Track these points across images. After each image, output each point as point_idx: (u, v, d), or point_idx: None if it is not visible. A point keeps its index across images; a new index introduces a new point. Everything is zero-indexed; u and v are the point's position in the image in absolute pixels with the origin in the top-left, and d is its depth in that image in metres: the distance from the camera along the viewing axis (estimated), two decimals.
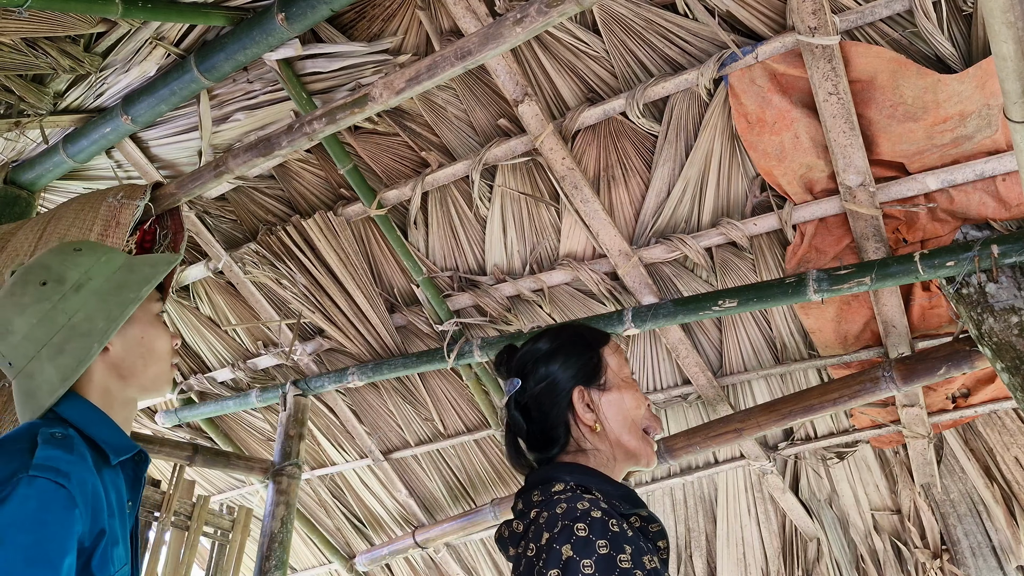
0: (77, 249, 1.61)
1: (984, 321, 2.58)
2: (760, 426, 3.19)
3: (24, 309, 1.50)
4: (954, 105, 2.48)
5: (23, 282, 1.54)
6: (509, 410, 1.58)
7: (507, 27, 2.22)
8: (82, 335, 1.50)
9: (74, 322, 1.50)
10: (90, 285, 1.55)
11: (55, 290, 1.52)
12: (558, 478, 1.43)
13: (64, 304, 1.51)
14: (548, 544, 1.25)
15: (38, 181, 3.38)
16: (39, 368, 1.48)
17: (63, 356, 1.48)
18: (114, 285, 1.58)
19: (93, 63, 2.96)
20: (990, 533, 3.47)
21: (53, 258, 1.58)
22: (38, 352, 1.48)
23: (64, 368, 1.48)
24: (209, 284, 4.06)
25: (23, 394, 1.50)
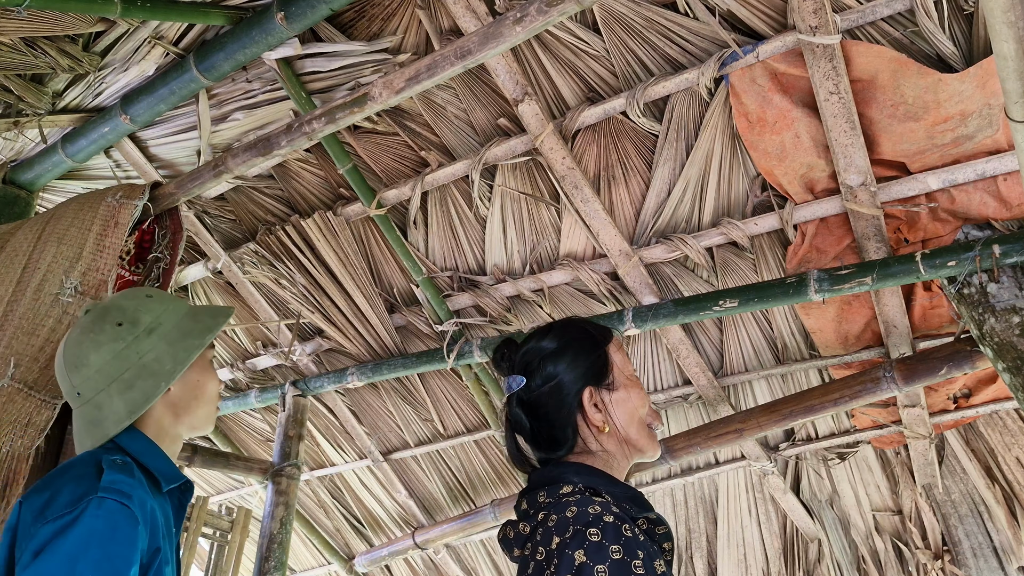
0: (149, 296, 1.81)
1: (985, 321, 2.57)
2: (761, 426, 3.18)
3: (100, 346, 1.67)
4: (955, 104, 2.48)
5: (100, 321, 1.71)
6: (511, 407, 1.55)
7: (507, 26, 2.21)
8: (151, 374, 1.67)
9: (144, 361, 1.68)
10: (160, 330, 1.73)
11: (129, 331, 1.70)
12: (566, 479, 1.41)
13: (137, 345, 1.69)
14: (559, 549, 1.23)
15: (37, 181, 3.38)
16: (107, 400, 1.64)
17: (132, 391, 1.65)
18: (181, 332, 1.76)
19: (92, 62, 2.95)
20: (991, 534, 3.46)
21: (128, 302, 1.77)
22: (108, 386, 1.65)
23: (132, 402, 1.65)
24: (208, 284, 4.05)
25: (88, 422, 1.65)
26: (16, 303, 2.47)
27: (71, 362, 1.69)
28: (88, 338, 1.69)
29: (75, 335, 1.72)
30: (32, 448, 2.31)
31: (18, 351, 2.37)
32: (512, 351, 1.60)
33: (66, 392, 1.72)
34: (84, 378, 1.67)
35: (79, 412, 1.68)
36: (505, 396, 1.57)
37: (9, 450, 2.26)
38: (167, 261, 2.78)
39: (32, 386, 2.34)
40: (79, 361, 1.67)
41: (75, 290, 2.49)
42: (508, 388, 1.56)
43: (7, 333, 2.42)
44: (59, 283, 2.49)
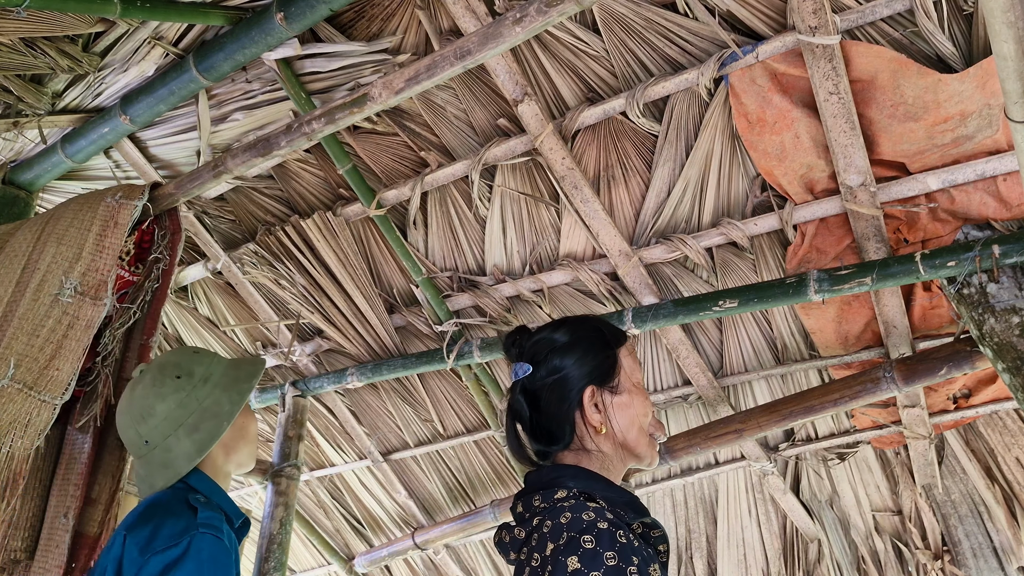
0: (196, 351, 2.06)
1: (985, 321, 2.57)
2: (761, 427, 3.19)
3: (164, 397, 1.91)
4: (955, 105, 2.48)
5: (160, 376, 1.94)
6: (513, 393, 1.55)
7: (506, 27, 2.21)
8: (213, 416, 1.92)
9: (205, 406, 1.92)
10: (212, 378, 1.98)
11: (188, 382, 1.94)
12: (561, 483, 1.41)
13: (196, 392, 1.93)
14: (553, 555, 1.24)
15: (36, 181, 3.38)
16: (176, 443, 1.87)
17: (198, 432, 1.89)
18: (229, 379, 2.01)
19: (91, 63, 2.95)
20: (991, 534, 3.47)
21: (180, 357, 2.01)
22: (175, 431, 1.88)
23: (200, 442, 1.88)
24: (208, 284, 4.05)
25: (158, 465, 1.87)
26: (16, 303, 2.48)
27: (138, 415, 1.91)
28: (152, 392, 1.92)
29: (136, 392, 1.94)
30: (32, 448, 2.32)
31: (18, 351, 2.38)
32: (523, 338, 1.60)
33: (133, 443, 1.94)
34: (152, 427, 1.89)
35: (147, 458, 1.90)
36: (512, 381, 1.56)
37: (9, 450, 2.27)
38: (166, 261, 2.79)
39: (32, 386, 2.35)
40: (146, 412, 1.90)
41: (75, 290, 2.49)
42: (514, 375, 1.55)
43: (7, 333, 2.42)
44: (59, 283, 2.50)
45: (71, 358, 2.44)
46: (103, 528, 2.51)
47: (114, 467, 2.59)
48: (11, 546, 2.41)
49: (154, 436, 1.89)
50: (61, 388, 2.39)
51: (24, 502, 2.47)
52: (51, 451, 2.58)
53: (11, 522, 2.36)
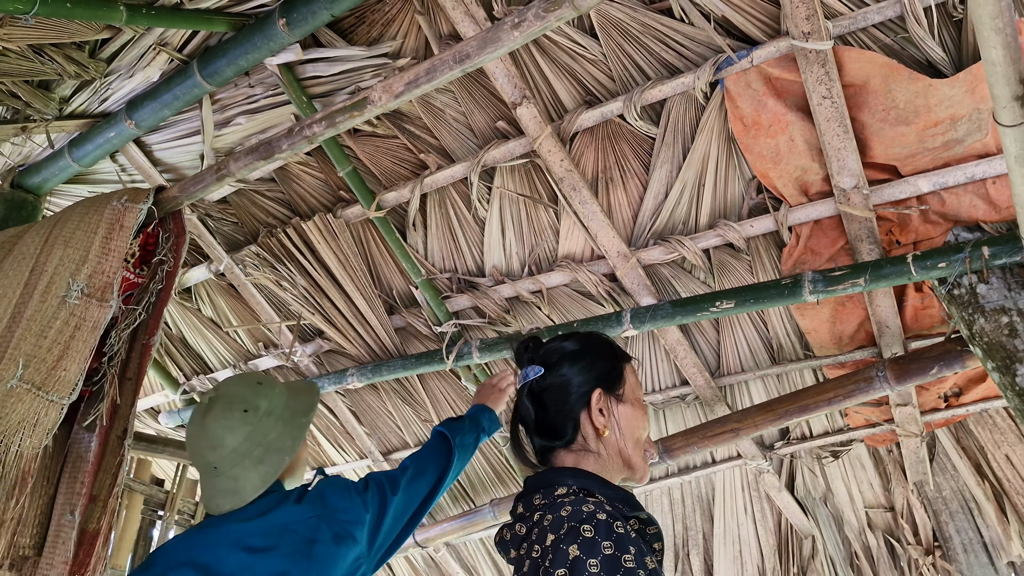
0: (259, 383, 2.16)
1: (975, 321, 2.61)
2: (757, 426, 3.21)
3: (233, 430, 2.02)
4: (945, 109, 2.52)
5: (229, 409, 2.06)
6: (520, 396, 1.63)
7: (505, 31, 2.25)
8: (277, 450, 2.05)
9: (270, 439, 2.05)
10: (275, 412, 2.10)
11: (254, 416, 2.06)
12: (560, 482, 1.47)
13: (261, 426, 2.05)
14: (554, 545, 1.28)
15: (44, 185, 3.41)
16: (243, 473, 2.00)
17: (264, 465, 2.02)
18: (290, 411, 2.14)
19: (98, 69, 2.99)
20: (981, 530, 3.50)
21: (245, 390, 2.12)
22: (242, 462, 2.00)
23: (265, 474, 2.02)
24: (211, 286, 4.08)
25: (226, 490, 2.00)
26: (24, 305, 2.51)
27: (208, 444, 2.03)
28: (221, 424, 2.04)
29: (208, 421, 2.06)
30: (40, 447, 2.35)
31: (26, 352, 2.42)
32: (536, 345, 1.69)
33: (202, 467, 2.06)
34: (221, 456, 2.01)
35: (214, 482, 2.03)
36: (520, 383, 1.64)
37: (18, 450, 2.30)
38: (171, 264, 2.83)
39: (40, 387, 2.39)
40: (216, 443, 2.02)
41: (81, 292, 2.53)
42: (524, 377, 1.63)
43: (15, 334, 2.46)
44: (66, 285, 2.53)
45: (78, 359, 2.48)
46: (101, 524, 2.54)
47: (114, 465, 2.63)
48: (20, 543, 2.45)
49: (223, 465, 2.02)
50: (68, 388, 2.43)
51: (32, 500, 2.50)
52: (58, 450, 2.62)
53: (20, 519, 2.40)
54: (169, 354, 4.46)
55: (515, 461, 1.67)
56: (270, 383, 2.18)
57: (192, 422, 2.11)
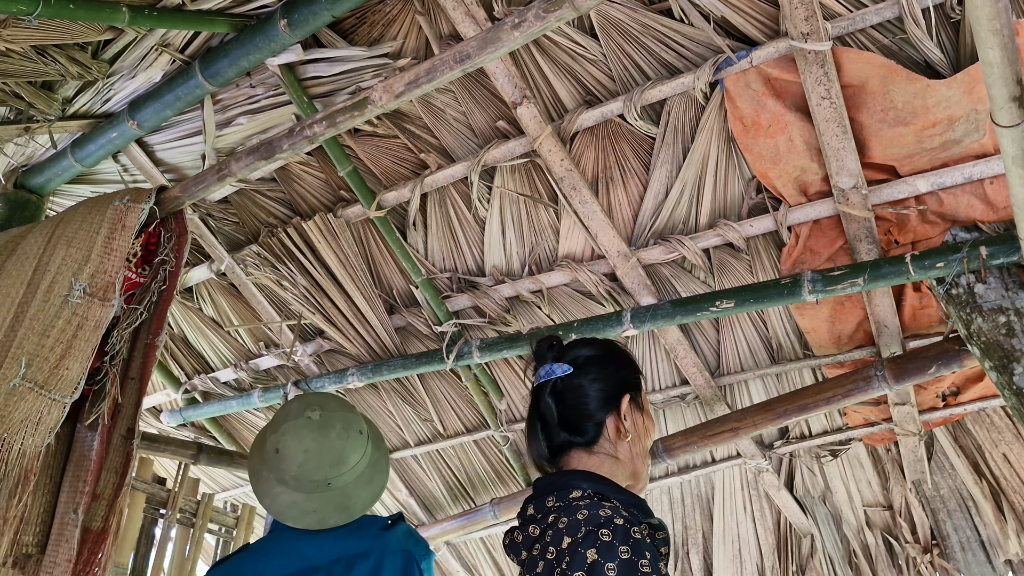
0: (352, 406, 2.27)
1: (973, 321, 2.62)
2: (756, 425, 3.22)
3: (356, 450, 2.14)
4: (943, 110, 2.53)
5: (349, 430, 2.16)
6: (541, 394, 1.64)
7: (505, 31, 2.25)
8: (381, 471, 2.23)
9: (374, 460, 2.20)
10: (371, 434, 2.24)
11: (366, 438, 2.19)
12: (574, 485, 1.49)
13: (369, 447, 2.19)
14: (572, 547, 1.31)
15: (47, 185, 3.42)
16: (355, 491, 2.12)
17: (373, 485, 2.17)
18: (375, 434, 2.29)
19: (100, 70, 3.00)
20: (979, 528, 3.51)
21: (350, 413, 2.22)
22: (356, 480, 2.13)
23: (374, 493, 2.18)
24: (212, 285, 4.09)
25: (336, 506, 2.10)
26: (27, 304, 2.52)
27: (333, 460, 2.10)
28: (347, 444, 2.13)
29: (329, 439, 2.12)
30: (43, 446, 2.36)
31: (29, 351, 2.42)
32: (558, 343, 1.70)
33: (313, 481, 2.09)
34: (341, 473, 2.10)
35: (322, 496, 2.09)
36: (540, 380, 1.65)
37: (21, 448, 2.31)
38: (172, 263, 2.83)
39: (43, 385, 2.39)
40: (340, 460, 2.11)
41: (84, 291, 2.53)
42: (549, 373, 1.64)
43: (18, 334, 2.46)
44: (68, 285, 2.54)
45: (80, 358, 2.48)
46: (106, 523, 2.55)
47: (119, 464, 2.63)
48: (23, 541, 2.46)
49: (339, 481, 2.10)
50: (71, 387, 2.44)
51: (35, 498, 2.51)
52: (61, 448, 2.63)
53: (23, 518, 2.40)
54: (170, 353, 4.47)
55: (529, 459, 1.69)
56: (349, 404, 2.29)
57: (307, 438, 2.11)
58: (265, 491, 2.12)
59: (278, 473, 2.09)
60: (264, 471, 2.13)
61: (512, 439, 4.09)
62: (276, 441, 2.12)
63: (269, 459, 2.12)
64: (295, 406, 2.18)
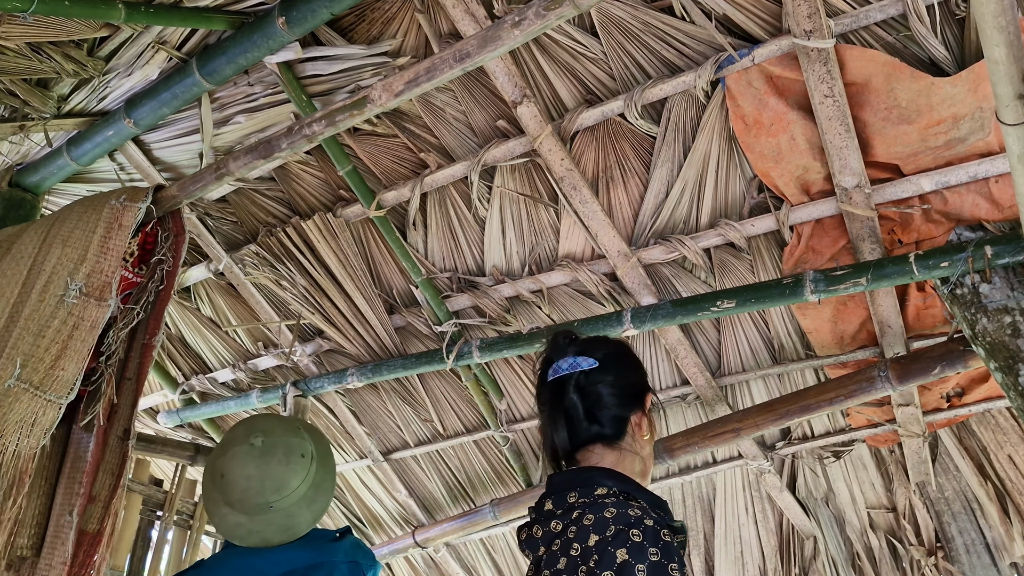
0: (297, 427, 2.31)
1: (978, 321, 2.60)
2: (758, 426, 3.20)
3: (297, 474, 2.19)
4: (947, 108, 2.51)
5: (289, 455, 2.21)
6: (565, 387, 1.61)
7: (505, 30, 2.24)
8: (325, 492, 2.26)
9: (317, 481, 2.23)
10: (317, 457, 2.26)
11: (309, 461, 2.23)
12: (598, 482, 1.48)
13: (311, 469, 2.22)
14: (600, 545, 1.31)
15: (42, 184, 3.41)
16: (299, 511, 2.17)
17: (315, 505, 2.21)
18: (323, 454, 2.30)
19: (96, 67, 2.98)
20: (984, 530, 3.49)
21: (293, 437, 2.26)
22: (298, 502, 2.17)
23: (317, 513, 2.22)
24: (210, 285, 4.08)
25: (279, 527, 2.15)
26: (22, 304, 2.50)
27: (273, 486, 2.16)
28: (286, 468, 2.18)
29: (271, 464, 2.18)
30: (38, 447, 2.34)
31: (24, 351, 2.41)
32: (577, 337, 1.70)
33: (254, 505, 2.14)
34: (282, 497, 2.16)
35: (263, 518, 2.14)
36: (562, 373, 1.62)
37: (16, 449, 2.30)
38: (170, 263, 2.82)
39: (38, 386, 2.38)
40: (282, 485, 2.17)
41: (80, 291, 2.52)
42: (573, 366, 1.61)
43: (13, 334, 2.45)
44: (64, 284, 2.52)
45: (76, 358, 2.47)
46: (102, 525, 2.54)
47: (115, 465, 2.62)
48: (18, 543, 2.45)
49: (280, 504, 2.15)
50: (66, 388, 2.42)
51: (30, 500, 2.50)
52: (57, 450, 2.61)
53: (17, 520, 2.39)
54: (168, 354, 4.46)
55: (546, 452, 1.67)
56: (301, 425, 2.36)
57: (247, 464, 2.18)
58: (213, 511, 2.20)
59: (224, 495, 2.16)
60: (213, 492, 2.20)
61: (512, 439, 4.07)
62: (222, 466, 2.19)
63: (216, 482, 2.19)
64: (240, 431, 2.25)
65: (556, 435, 1.61)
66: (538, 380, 1.70)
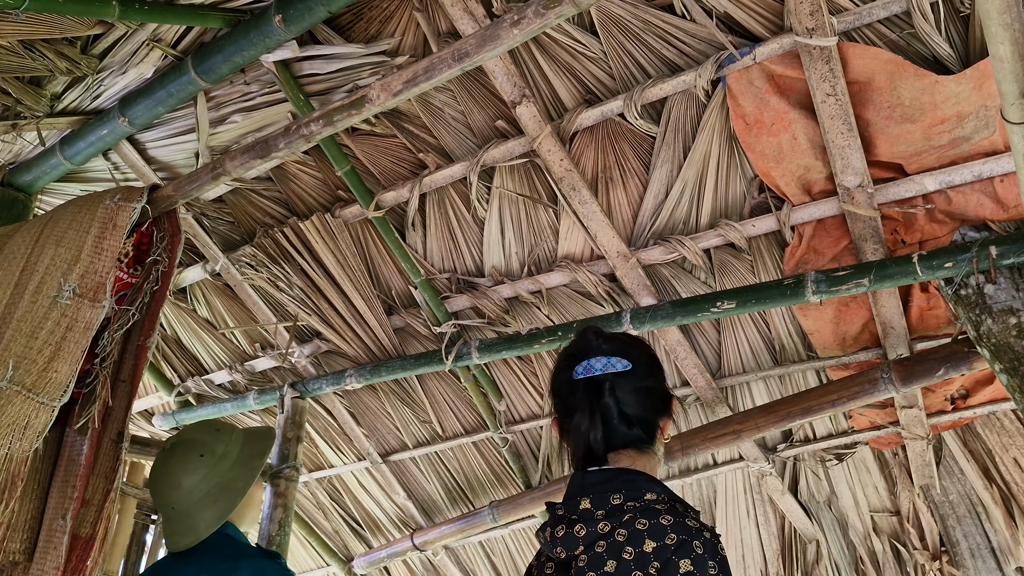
0: (217, 429, 2.33)
1: (982, 322, 2.58)
2: (759, 428, 3.19)
3: (190, 473, 2.20)
4: (951, 106, 2.48)
5: (188, 453, 2.24)
6: (601, 387, 1.55)
7: (504, 29, 2.22)
8: (232, 490, 2.22)
9: (224, 481, 2.22)
10: (230, 455, 2.26)
11: (211, 459, 2.23)
12: (644, 487, 1.45)
13: (217, 468, 2.23)
14: (659, 553, 1.32)
15: (35, 183, 3.38)
16: (199, 512, 2.17)
17: (219, 504, 2.19)
18: (245, 456, 2.29)
19: (90, 65, 2.96)
20: (989, 534, 3.47)
21: (204, 435, 2.30)
22: (198, 502, 2.18)
23: (221, 512, 2.19)
24: (206, 286, 4.06)
25: (185, 528, 2.18)
26: (14, 305, 2.47)
27: (168, 485, 2.21)
28: (180, 467, 2.22)
29: (169, 464, 2.24)
30: (31, 451, 2.31)
31: (16, 353, 2.38)
32: (608, 335, 1.65)
33: (162, 506, 2.23)
34: (178, 497, 2.18)
35: (173, 520, 2.20)
36: (596, 373, 1.56)
37: (8, 453, 2.26)
38: (165, 264, 2.79)
39: (31, 388, 2.35)
40: (175, 484, 2.20)
41: (73, 292, 2.49)
42: (607, 367, 1.57)
43: (5, 335, 2.42)
44: (57, 285, 2.49)
45: (70, 360, 2.43)
46: (95, 529, 2.51)
47: (108, 468, 2.58)
48: (9, 548, 2.41)
49: (180, 504, 2.18)
50: (60, 390, 2.39)
51: (23, 504, 2.47)
52: (50, 453, 2.58)
53: (10, 524, 2.36)
54: (164, 355, 4.43)
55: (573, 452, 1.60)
56: (228, 429, 2.36)
57: (155, 466, 2.29)
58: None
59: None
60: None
61: (511, 441, 4.05)
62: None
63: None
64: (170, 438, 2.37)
65: (592, 434, 1.55)
66: (559, 374, 1.64)
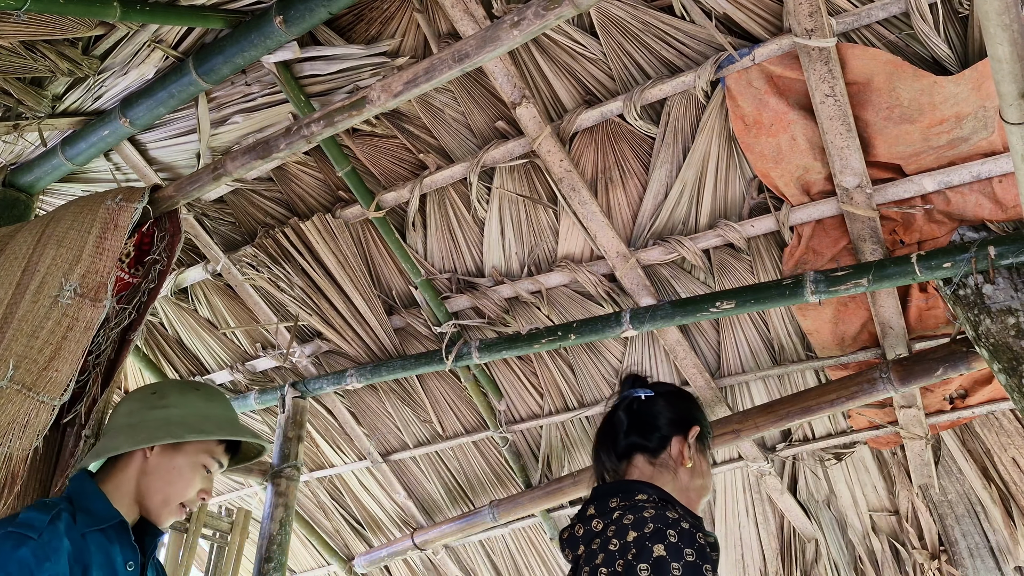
0: (196, 389, 2.23)
1: (981, 322, 2.58)
2: (758, 427, 3.20)
3: (128, 401, 2.17)
4: (950, 107, 2.49)
5: (146, 388, 2.22)
6: (617, 409, 1.86)
7: (504, 30, 2.22)
8: (132, 433, 2.05)
9: (143, 423, 2.06)
10: (173, 410, 2.10)
11: (153, 401, 2.13)
12: (639, 490, 1.62)
13: (147, 410, 2.11)
14: (638, 540, 1.40)
15: (37, 184, 3.38)
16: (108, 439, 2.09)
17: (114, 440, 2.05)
18: (189, 422, 2.08)
19: (91, 66, 2.96)
20: (988, 534, 3.47)
21: (171, 385, 2.29)
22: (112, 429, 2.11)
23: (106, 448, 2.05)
24: (207, 286, 4.06)
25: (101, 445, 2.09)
26: (15, 305, 2.48)
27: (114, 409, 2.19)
28: (131, 395, 2.19)
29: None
30: (30, 449, 2.32)
31: (17, 353, 2.38)
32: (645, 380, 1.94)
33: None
34: (111, 419, 2.17)
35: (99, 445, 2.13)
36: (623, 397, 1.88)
37: (7, 451, 2.27)
38: (164, 263, 2.79)
39: (31, 387, 2.35)
40: (115, 410, 2.18)
41: (74, 292, 2.49)
42: (630, 395, 1.87)
43: (6, 335, 2.42)
44: (58, 285, 2.50)
45: (70, 359, 2.44)
46: None
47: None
48: None
49: (108, 428, 2.16)
50: (60, 389, 2.40)
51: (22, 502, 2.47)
52: (50, 452, 2.58)
53: None
54: (165, 355, 4.43)
55: (594, 471, 1.87)
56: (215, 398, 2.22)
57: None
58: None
59: None
60: None
61: (511, 440, 4.06)
62: None
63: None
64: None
65: (602, 450, 1.80)
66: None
